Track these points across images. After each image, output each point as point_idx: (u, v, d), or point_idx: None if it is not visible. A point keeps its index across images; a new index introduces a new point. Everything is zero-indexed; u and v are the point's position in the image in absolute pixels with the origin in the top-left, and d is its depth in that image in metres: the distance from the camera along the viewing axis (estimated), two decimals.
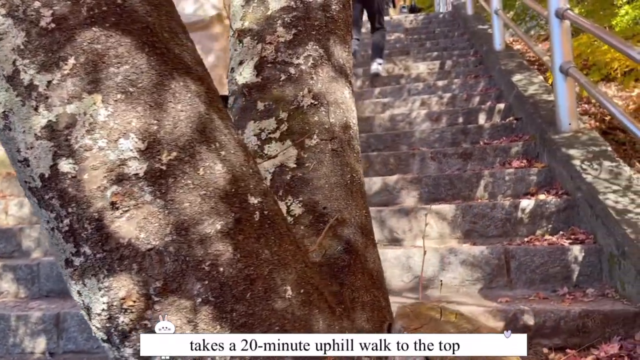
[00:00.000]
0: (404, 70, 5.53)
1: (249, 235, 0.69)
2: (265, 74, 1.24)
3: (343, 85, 1.28)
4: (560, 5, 2.95)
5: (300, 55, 1.25)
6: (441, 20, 8.04)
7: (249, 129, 1.20)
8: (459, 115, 4.05)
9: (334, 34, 1.30)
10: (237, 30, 1.30)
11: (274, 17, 1.28)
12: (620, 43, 2.21)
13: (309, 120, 1.19)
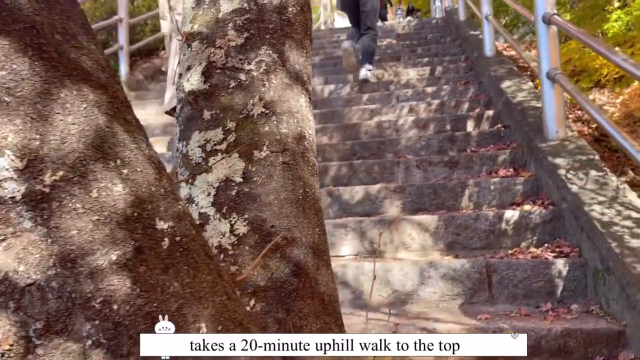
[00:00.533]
0: (393, 77, 5.45)
1: (153, 266, 0.60)
2: (213, 81, 1.15)
3: (298, 93, 1.19)
4: (547, 10, 2.88)
5: (252, 61, 1.16)
6: (434, 25, 7.98)
7: (193, 140, 1.11)
8: (447, 123, 3.97)
9: (290, 38, 1.21)
10: (186, 33, 1.21)
11: (225, 20, 1.19)
12: (605, 49, 2.13)
13: (259, 131, 1.10)
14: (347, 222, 2.68)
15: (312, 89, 1.34)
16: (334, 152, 3.76)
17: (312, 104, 4.02)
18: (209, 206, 1.05)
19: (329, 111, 4.58)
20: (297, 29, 1.23)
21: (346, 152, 3.75)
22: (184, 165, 1.11)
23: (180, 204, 0.69)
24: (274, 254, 1.01)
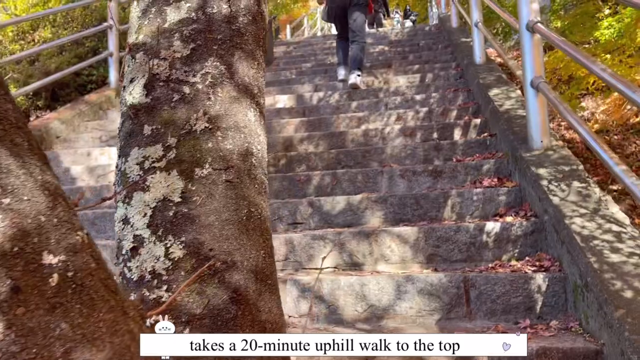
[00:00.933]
0: (383, 84, 5.41)
1: (36, 307, 0.55)
2: (155, 94, 1.09)
3: (247, 106, 1.13)
4: (531, 18, 2.83)
5: (198, 73, 1.10)
6: (427, 32, 7.95)
7: (132, 157, 1.06)
8: (434, 131, 3.92)
9: (240, 49, 1.16)
10: (131, 44, 1.16)
11: (171, 30, 1.14)
12: (585, 59, 2.08)
13: (202, 147, 1.05)
14: (326, 234, 2.62)
15: (300, 96, 1.29)
16: (319, 161, 3.70)
17: (302, 112, 3.96)
18: (145, 228, 0.99)
19: (317, 119, 4.52)
20: (248, 40, 1.18)
21: (331, 161, 3.69)
22: (122, 184, 1.05)
23: (78, 235, 0.63)
24: (212, 280, 0.95)
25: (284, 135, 4.24)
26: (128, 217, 1.01)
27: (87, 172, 3.92)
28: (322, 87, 5.60)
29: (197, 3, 1.15)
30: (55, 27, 6.12)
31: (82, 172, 3.92)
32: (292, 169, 3.70)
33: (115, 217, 1.03)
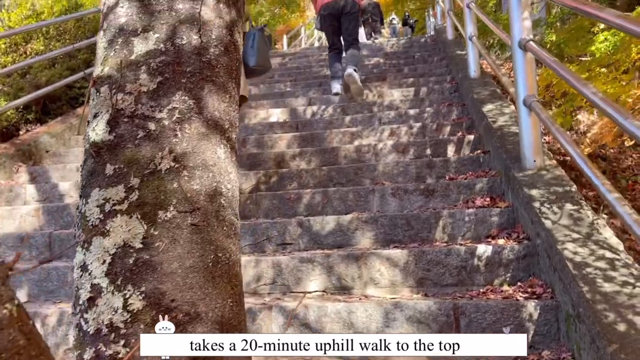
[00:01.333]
0: (377, 97, 5.37)
1: None
2: (119, 131, 1.04)
3: (216, 143, 1.08)
4: (523, 35, 2.79)
5: (164, 108, 1.05)
6: (422, 44, 7.92)
7: (92, 198, 1.00)
8: (427, 147, 3.87)
9: (210, 82, 1.11)
10: (95, 77, 1.11)
11: (138, 63, 1.09)
12: (576, 81, 2.03)
13: (166, 188, 0.99)
14: (315, 257, 2.56)
15: (293, 110, 1.23)
16: (311, 178, 3.65)
17: (294, 127, 3.90)
18: (103, 276, 0.93)
19: (309, 134, 4.47)
20: (220, 72, 1.13)
21: (323, 178, 3.63)
22: (81, 227, 0.99)
23: (6, 308, 0.58)
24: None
25: (276, 151, 4.19)
26: (86, 264, 0.95)
27: (76, 188, 3.85)
28: (317, 100, 5.56)
29: (165, 34, 1.10)
30: (47, 39, 6.08)
31: (70, 188, 3.86)
32: (283, 186, 3.64)
33: (74, 262, 0.97)
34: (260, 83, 6.59)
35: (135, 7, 1.11)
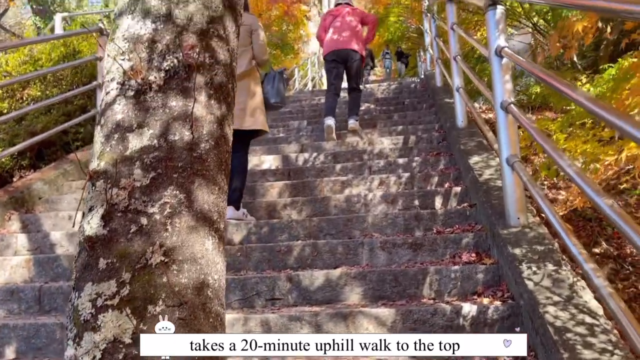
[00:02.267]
0: (368, 145, 5.48)
1: None
2: (113, 225, 1.10)
3: (205, 235, 1.14)
4: (505, 98, 2.91)
5: (156, 203, 1.12)
6: (412, 90, 8.12)
7: (85, 292, 1.05)
8: (415, 198, 3.95)
9: (200, 176, 1.18)
10: (92, 171, 1.18)
11: (132, 158, 1.16)
12: (552, 150, 2.13)
13: (156, 282, 1.05)
14: (303, 315, 2.59)
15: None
16: (301, 229, 3.70)
17: (286, 174, 3.99)
18: None
19: (301, 183, 4.55)
20: (210, 165, 1.20)
21: (313, 229, 3.69)
22: (73, 321, 1.04)
23: None
24: None
25: (268, 200, 4.25)
26: (77, 358, 1.00)
27: (67, 238, 3.88)
28: (308, 147, 5.67)
29: (159, 130, 1.18)
30: (45, 84, 6.20)
31: (61, 238, 3.89)
32: (274, 237, 3.69)
33: (65, 356, 1.02)
34: None
35: (132, 104, 1.19)
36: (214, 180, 1.20)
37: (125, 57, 1.21)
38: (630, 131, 1.38)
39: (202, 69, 1.23)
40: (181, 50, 1.21)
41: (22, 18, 23.79)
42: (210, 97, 1.23)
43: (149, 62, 1.20)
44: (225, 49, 1.28)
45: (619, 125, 1.44)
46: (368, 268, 3.06)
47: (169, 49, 1.21)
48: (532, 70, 2.38)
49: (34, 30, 14.49)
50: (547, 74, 2.19)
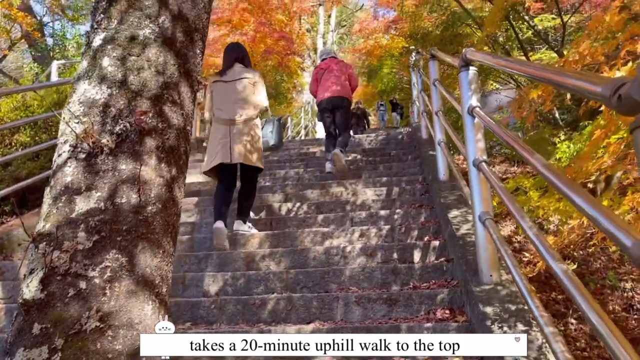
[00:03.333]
0: (351, 196, 5.52)
1: None
2: (51, 289, 1.10)
3: (144, 299, 1.14)
4: (477, 156, 2.97)
5: (97, 267, 1.12)
6: (399, 141, 8.25)
7: (17, 359, 1.04)
8: (394, 251, 3.94)
9: (145, 239, 1.19)
10: (36, 233, 1.19)
11: (78, 220, 1.17)
12: (516, 211, 2.16)
13: (89, 349, 1.04)
14: None
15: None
16: (278, 282, 3.68)
17: (269, 224, 3.98)
18: None
19: (282, 233, 4.55)
20: (155, 228, 1.21)
21: (290, 282, 3.66)
22: None
23: None
24: None
25: (247, 251, 4.24)
26: None
27: None
28: (293, 197, 5.69)
29: (107, 193, 1.19)
30: (34, 130, 6.27)
31: None
32: (249, 290, 3.66)
33: None
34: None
35: (82, 166, 1.22)
36: (158, 243, 1.21)
37: (79, 120, 1.24)
38: (577, 202, 1.41)
39: (154, 133, 1.26)
40: (134, 115, 1.24)
41: (23, 63, 24.28)
42: (161, 161, 1.26)
43: (102, 125, 1.23)
44: (180, 113, 1.32)
45: (567, 194, 1.47)
46: (341, 324, 3.03)
47: (122, 114, 1.24)
48: (498, 132, 2.45)
49: (32, 75, 14.76)
50: (510, 137, 2.25)
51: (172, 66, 1.31)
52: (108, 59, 1.28)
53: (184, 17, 1.37)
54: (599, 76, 1.20)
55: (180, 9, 1.36)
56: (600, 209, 1.25)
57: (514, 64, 2.01)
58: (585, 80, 1.26)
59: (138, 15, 1.30)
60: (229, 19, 16.69)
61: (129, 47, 1.28)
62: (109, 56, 1.28)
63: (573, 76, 1.36)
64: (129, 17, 1.30)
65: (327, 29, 25.08)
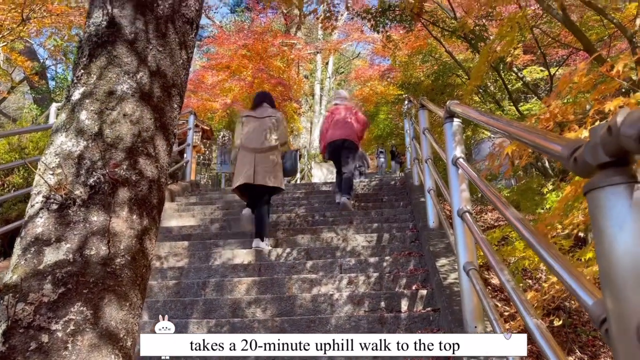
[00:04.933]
0: (342, 241, 5.50)
1: None
2: (13, 342, 1.10)
3: (107, 354, 1.13)
4: (461, 206, 2.99)
5: (61, 320, 1.12)
6: (391, 187, 8.30)
7: None
8: (382, 300, 3.91)
9: (112, 292, 1.19)
10: (3, 284, 1.19)
11: (45, 272, 1.18)
12: (496, 264, 2.17)
13: None
14: None
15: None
16: (262, 329, 3.62)
17: (257, 270, 3.95)
18: None
19: (270, 279, 4.51)
20: (123, 281, 1.22)
21: (275, 330, 3.61)
22: None
23: None
24: None
25: (233, 297, 4.19)
26: None
27: None
28: (283, 242, 5.68)
29: (77, 244, 1.21)
30: (28, 172, 6.30)
31: None
32: None
33: None
34: (232, 221, 6.78)
35: (54, 217, 1.23)
36: (125, 296, 1.21)
37: (53, 172, 1.26)
38: (544, 256, 1.42)
39: (127, 184, 1.28)
40: (108, 167, 1.27)
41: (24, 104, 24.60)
42: (133, 212, 1.27)
43: (76, 177, 1.26)
44: (154, 166, 1.35)
45: (536, 248, 1.49)
46: None
47: (96, 166, 1.27)
48: (479, 185, 2.48)
49: (31, 117, 14.94)
50: (489, 190, 2.28)
51: (149, 120, 1.35)
52: (86, 112, 1.31)
53: (162, 73, 1.42)
54: (561, 137, 1.24)
55: (158, 66, 1.41)
56: (564, 265, 1.27)
57: (489, 119, 2.06)
58: (549, 140, 1.30)
59: (117, 72, 1.35)
60: (228, 64, 17.05)
61: (106, 101, 1.32)
62: (87, 110, 1.32)
63: (539, 136, 1.40)
64: (108, 73, 1.35)
65: (325, 76, 25.65)
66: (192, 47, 1.60)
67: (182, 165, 9.22)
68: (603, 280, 0.96)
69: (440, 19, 8.17)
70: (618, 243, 0.89)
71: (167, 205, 7.52)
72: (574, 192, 2.19)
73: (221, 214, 7.25)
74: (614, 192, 0.92)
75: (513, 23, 4.39)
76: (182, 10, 1.49)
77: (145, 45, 1.39)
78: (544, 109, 2.08)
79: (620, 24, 4.39)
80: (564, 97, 1.97)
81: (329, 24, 8.88)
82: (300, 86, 20.03)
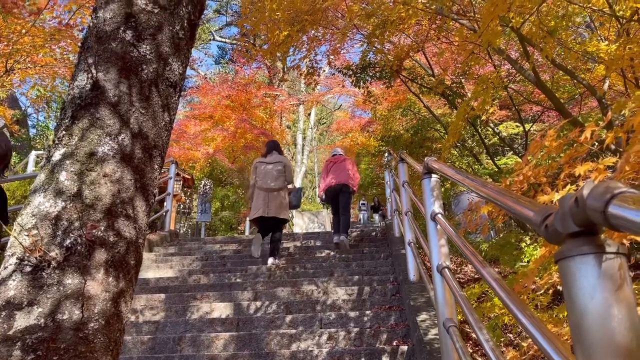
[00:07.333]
0: (322, 295, 5.44)
1: None
2: None
3: None
4: (440, 262, 3.01)
5: None
6: (373, 238, 8.30)
7: None
8: (362, 356, 3.84)
9: (83, 358, 1.16)
10: None
11: (15, 338, 1.14)
12: (474, 321, 2.17)
13: None
14: None
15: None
16: None
17: (236, 324, 3.87)
18: None
19: (248, 334, 4.41)
20: (96, 346, 1.19)
21: None
22: None
23: None
24: None
25: (210, 354, 4.07)
26: None
27: None
28: (262, 295, 5.58)
29: (49, 308, 1.18)
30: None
31: None
32: None
33: None
34: (211, 272, 6.67)
35: (27, 280, 1.21)
36: None
37: (28, 233, 1.25)
38: (518, 316, 1.43)
39: (105, 246, 1.27)
40: (85, 228, 1.26)
41: None
42: (109, 274, 1.26)
43: (52, 238, 1.25)
44: (132, 227, 1.34)
45: (510, 307, 1.50)
46: None
47: (73, 226, 1.26)
48: (457, 242, 2.51)
49: (10, 165, 14.74)
50: (467, 248, 2.31)
51: (129, 181, 1.36)
52: (65, 173, 1.32)
53: (144, 135, 1.44)
54: (533, 202, 1.28)
55: (140, 128, 1.43)
56: (539, 327, 1.28)
57: (464, 178, 2.11)
58: (521, 205, 1.34)
59: (99, 133, 1.37)
60: (211, 114, 17.22)
61: (87, 162, 1.33)
62: (67, 170, 1.32)
63: (512, 199, 1.44)
64: (90, 135, 1.37)
65: (307, 126, 26.02)
66: (175, 109, 1.63)
67: (161, 215, 9.13)
68: (575, 347, 0.97)
69: (419, 76, 8.44)
70: (589, 313, 0.91)
71: (145, 256, 7.39)
72: (548, 253, 2.22)
73: (200, 265, 7.14)
74: (583, 262, 0.95)
75: (487, 83, 4.56)
76: (166, 74, 1.53)
77: (128, 108, 1.42)
78: (517, 172, 2.14)
79: (590, 85, 4.58)
80: (537, 159, 2.04)
81: (312, 79, 9.09)
82: (282, 136, 20.25)
